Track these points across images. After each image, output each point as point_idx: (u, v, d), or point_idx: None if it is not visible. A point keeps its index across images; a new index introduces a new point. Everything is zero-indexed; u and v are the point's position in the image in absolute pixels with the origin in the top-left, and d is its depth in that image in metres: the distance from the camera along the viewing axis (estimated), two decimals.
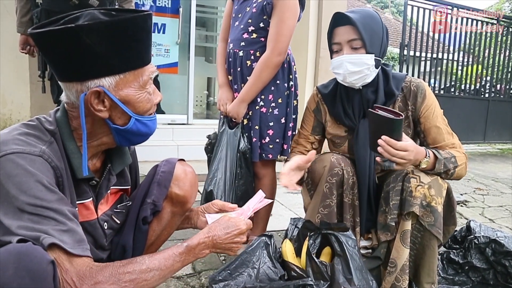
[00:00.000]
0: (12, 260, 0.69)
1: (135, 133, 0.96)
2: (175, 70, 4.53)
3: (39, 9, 2.32)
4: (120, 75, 0.89)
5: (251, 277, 1.23)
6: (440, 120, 1.42)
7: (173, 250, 0.92)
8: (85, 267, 0.79)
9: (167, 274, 0.89)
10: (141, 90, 0.93)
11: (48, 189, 0.80)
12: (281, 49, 1.63)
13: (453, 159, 1.34)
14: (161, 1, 4.39)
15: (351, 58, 1.35)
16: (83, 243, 0.81)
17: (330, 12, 4.98)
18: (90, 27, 0.82)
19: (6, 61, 3.35)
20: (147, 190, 1.13)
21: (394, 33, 14.72)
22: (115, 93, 0.89)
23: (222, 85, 1.79)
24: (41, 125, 0.90)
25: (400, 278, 1.31)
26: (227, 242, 1.01)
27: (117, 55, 0.87)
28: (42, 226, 0.76)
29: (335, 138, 1.54)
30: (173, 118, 4.36)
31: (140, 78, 0.92)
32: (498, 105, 6.43)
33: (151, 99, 0.96)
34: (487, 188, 3.62)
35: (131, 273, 0.82)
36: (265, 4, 1.62)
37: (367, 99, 1.42)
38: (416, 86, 1.42)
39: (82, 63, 0.85)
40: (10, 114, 3.49)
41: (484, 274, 1.58)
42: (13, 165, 0.78)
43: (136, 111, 0.93)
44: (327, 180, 1.39)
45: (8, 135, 0.84)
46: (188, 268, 1.71)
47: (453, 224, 1.39)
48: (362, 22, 1.34)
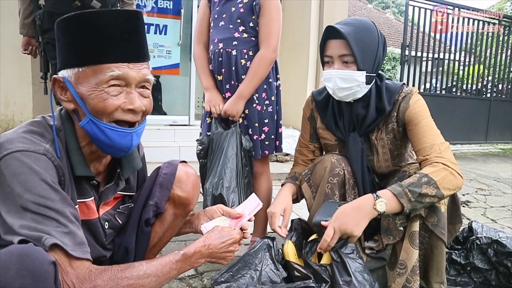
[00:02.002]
0: (14, 261, 0.70)
1: (95, 139, 0.91)
2: (176, 71, 4.54)
3: (42, 11, 2.33)
4: (79, 69, 0.89)
5: (253, 279, 1.23)
6: (423, 124, 1.33)
7: (170, 257, 0.94)
8: (85, 270, 0.80)
9: (163, 281, 0.91)
10: (96, 87, 0.87)
11: (52, 188, 0.82)
12: (275, 46, 1.70)
13: (424, 178, 1.18)
14: (162, 3, 4.40)
15: (341, 74, 1.32)
16: (83, 246, 0.82)
17: (332, 13, 4.97)
18: (58, 21, 0.90)
19: (9, 63, 3.37)
20: (149, 192, 1.14)
21: (395, 33, 14.72)
22: (75, 86, 0.90)
23: (210, 87, 1.80)
24: (45, 122, 0.92)
25: (411, 279, 1.31)
26: (222, 251, 1.04)
27: (75, 48, 0.90)
28: (44, 226, 0.77)
29: (327, 145, 1.56)
30: (174, 119, 4.37)
31: (97, 74, 0.87)
32: (500, 105, 6.43)
33: (106, 101, 0.88)
34: (489, 188, 3.61)
35: (129, 278, 0.84)
36: (254, 5, 1.68)
37: (357, 113, 1.40)
38: (404, 97, 1.38)
39: (57, 53, 0.93)
40: (12, 115, 3.51)
41: (486, 275, 1.58)
42: (18, 163, 0.80)
43: (91, 110, 0.89)
44: (329, 180, 1.39)
45: (14, 133, 0.86)
46: (190, 269, 1.71)
47: (459, 222, 1.39)
48: (355, 38, 1.29)
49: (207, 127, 1.83)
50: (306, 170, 1.52)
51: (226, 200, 1.61)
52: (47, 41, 2.37)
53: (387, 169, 1.46)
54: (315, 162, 1.51)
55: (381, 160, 1.44)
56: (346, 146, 1.44)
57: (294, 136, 4.18)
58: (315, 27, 4.36)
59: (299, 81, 4.52)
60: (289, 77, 4.68)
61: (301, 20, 4.46)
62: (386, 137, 1.42)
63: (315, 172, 1.45)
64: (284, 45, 4.66)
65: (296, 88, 4.55)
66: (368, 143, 1.44)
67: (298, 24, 4.51)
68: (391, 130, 1.41)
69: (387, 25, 16.09)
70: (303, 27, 4.44)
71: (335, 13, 4.33)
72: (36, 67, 3.07)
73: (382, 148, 1.43)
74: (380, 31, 1.38)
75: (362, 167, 1.41)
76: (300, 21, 4.49)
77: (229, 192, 1.64)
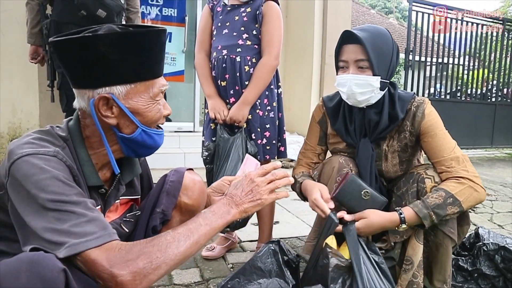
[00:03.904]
0: (25, 268, 0.70)
1: (140, 144, 0.98)
2: (181, 78, 4.57)
3: (49, 20, 2.37)
4: (131, 85, 0.92)
5: (260, 285, 1.23)
6: (440, 136, 1.36)
7: (193, 218, 0.93)
8: (116, 250, 0.79)
9: (195, 241, 0.88)
10: (151, 101, 0.96)
11: (65, 183, 0.83)
12: (277, 54, 1.77)
13: (449, 199, 1.24)
14: (167, 10, 4.45)
15: (357, 79, 1.33)
16: (107, 228, 0.83)
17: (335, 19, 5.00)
18: (105, 36, 0.87)
19: (16, 71, 3.41)
20: (156, 200, 1.14)
21: (398, 38, 14.72)
22: (125, 102, 0.92)
23: (212, 95, 1.82)
24: (54, 131, 0.94)
25: (418, 274, 1.32)
26: (246, 193, 1.00)
27: (129, 65, 0.91)
28: (65, 224, 0.78)
29: (336, 149, 1.55)
30: (179, 126, 4.39)
31: (150, 89, 0.95)
32: (505, 109, 6.39)
33: (160, 111, 0.99)
34: (496, 193, 3.59)
35: (159, 244, 0.83)
36: (257, 14, 1.76)
37: (369, 119, 1.40)
38: (417, 106, 1.39)
39: (96, 70, 0.89)
40: (19, 123, 3.54)
41: (494, 281, 1.57)
42: (29, 166, 0.81)
43: (144, 121, 0.96)
44: (336, 180, 1.40)
45: (22, 140, 0.88)
46: (197, 276, 1.72)
47: (467, 224, 1.38)
48: (372, 43, 1.30)
49: (211, 133, 1.85)
50: (315, 172, 1.53)
51: None
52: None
53: (395, 174, 1.47)
54: (323, 162, 1.52)
55: (390, 165, 1.45)
56: (356, 151, 1.45)
57: (298, 142, 4.18)
58: (318, 34, 4.38)
59: (303, 88, 4.53)
60: (293, 83, 4.70)
61: (305, 27, 4.49)
62: (397, 145, 1.43)
63: (323, 172, 1.47)
64: (288, 52, 4.68)
65: (300, 95, 4.57)
66: (378, 149, 1.44)
67: (302, 31, 4.53)
68: (403, 139, 1.42)
69: (391, 30, 15.93)
70: (307, 34, 4.46)
71: (338, 19, 4.35)
72: (43, 76, 3.11)
73: (392, 155, 1.44)
74: (393, 39, 1.39)
75: (370, 173, 1.41)
76: (303, 28, 4.51)
77: None
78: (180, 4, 4.49)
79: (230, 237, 2.00)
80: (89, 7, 2.22)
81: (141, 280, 0.78)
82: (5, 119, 3.48)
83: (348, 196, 1.30)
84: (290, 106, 4.56)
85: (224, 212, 0.96)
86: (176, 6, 4.48)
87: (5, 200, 0.85)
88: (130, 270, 0.77)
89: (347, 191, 1.30)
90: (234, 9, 1.81)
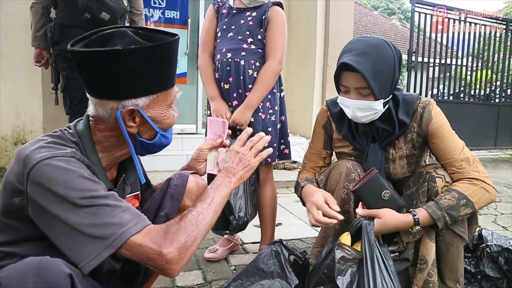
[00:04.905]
0: (31, 273, 0.71)
1: (157, 146, 1.03)
2: (184, 80, 4.59)
3: (53, 24, 2.38)
4: (154, 95, 0.94)
5: (262, 287, 1.24)
6: (448, 137, 1.36)
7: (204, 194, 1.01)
8: (155, 232, 0.85)
9: (214, 210, 0.97)
10: (168, 108, 0.99)
11: (91, 180, 0.85)
12: (281, 59, 1.79)
13: (462, 201, 1.25)
14: (169, 13, 4.47)
15: (359, 104, 1.31)
16: (140, 215, 0.87)
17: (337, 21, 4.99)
18: (135, 50, 0.87)
19: (20, 74, 3.44)
20: (160, 203, 1.15)
21: (401, 39, 14.70)
22: (147, 111, 0.94)
23: (215, 97, 1.82)
24: (65, 136, 0.94)
25: (432, 272, 1.32)
26: (237, 163, 1.09)
27: (155, 76, 0.92)
28: (103, 217, 0.81)
29: (343, 154, 1.54)
30: (182, 128, 4.40)
31: (168, 98, 0.98)
32: (509, 110, 6.37)
33: (174, 116, 1.03)
34: (500, 194, 3.57)
35: (190, 220, 0.90)
36: (263, 19, 1.77)
37: (376, 127, 1.40)
38: (423, 107, 1.38)
39: (122, 83, 0.90)
40: (23, 126, 3.56)
41: (498, 283, 1.56)
42: (51, 168, 0.81)
43: (162, 127, 1.00)
44: (344, 186, 1.39)
45: (35, 145, 0.87)
46: (199, 277, 1.72)
47: (475, 223, 1.38)
48: (371, 69, 1.25)
49: None
50: (321, 176, 1.52)
51: (233, 206, 1.65)
52: (57, 53, 2.42)
53: (403, 176, 1.46)
54: (330, 167, 1.51)
55: (398, 167, 1.45)
56: (365, 156, 1.44)
57: (301, 144, 4.19)
58: (321, 37, 4.38)
59: (305, 90, 4.53)
60: (296, 86, 4.71)
61: (307, 30, 4.49)
62: (404, 146, 1.42)
63: (330, 178, 1.45)
64: (290, 55, 4.69)
65: (303, 97, 4.57)
66: (385, 153, 1.44)
67: (304, 34, 4.54)
68: (410, 140, 1.41)
69: (393, 32, 16.08)
70: (309, 37, 4.46)
71: (341, 20, 4.35)
72: (46, 78, 3.14)
73: (400, 157, 1.43)
74: (394, 46, 1.34)
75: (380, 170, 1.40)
76: (306, 31, 4.52)
77: (236, 198, 1.68)
78: (183, 6, 4.51)
79: (233, 239, 2.00)
80: (92, 10, 2.24)
81: (185, 253, 0.85)
82: (9, 122, 3.51)
83: (368, 192, 1.29)
84: (293, 108, 4.56)
85: (227, 182, 1.05)
86: (178, 9, 4.49)
87: (23, 206, 0.83)
88: (175, 246, 0.83)
89: (368, 188, 1.29)
90: (240, 12, 1.81)
